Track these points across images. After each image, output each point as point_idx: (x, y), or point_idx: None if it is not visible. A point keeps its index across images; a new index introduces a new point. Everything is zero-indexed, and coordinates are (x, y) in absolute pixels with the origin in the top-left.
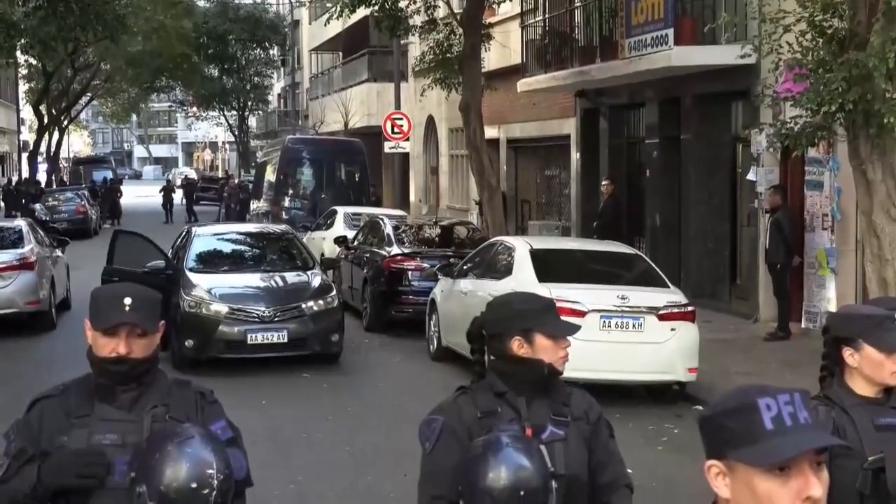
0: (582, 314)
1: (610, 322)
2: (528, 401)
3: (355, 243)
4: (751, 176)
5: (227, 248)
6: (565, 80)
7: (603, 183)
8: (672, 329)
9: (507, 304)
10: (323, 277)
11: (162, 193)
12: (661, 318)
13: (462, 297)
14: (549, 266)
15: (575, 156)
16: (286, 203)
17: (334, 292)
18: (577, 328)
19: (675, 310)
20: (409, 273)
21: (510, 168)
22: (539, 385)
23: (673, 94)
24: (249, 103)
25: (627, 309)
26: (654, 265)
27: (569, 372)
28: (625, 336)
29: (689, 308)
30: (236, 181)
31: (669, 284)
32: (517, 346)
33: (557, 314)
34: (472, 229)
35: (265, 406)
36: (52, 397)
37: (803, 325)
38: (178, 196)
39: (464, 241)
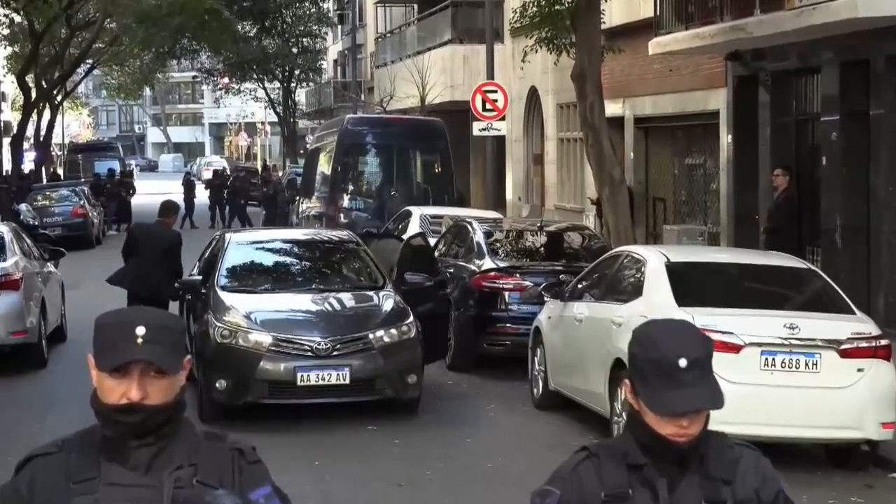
0: (736, 349)
1: (774, 360)
2: (671, 481)
3: (436, 254)
4: None
5: (271, 260)
6: (713, 38)
7: (775, 174)
8: (859, 370)
9: (631, 343)
10: (396, 299)
11: (183, 191)
12: (845, 354)
13: (576, 326)
14: (691, 285)
15: (726, 139)
16: (345, 202)
17: (411, 319)
18: (701, 409)
19: (864, 343)
20: (507, 294)
21: (639, 156)
22: (678, 460)
23: (859, 55)
24: (297, 72)
25: (798, 342)
26: (833, 284)
27: (719, 426)
28: (794, 378)
29: (884, 341)
30: (280, 174)
31: (856, 310)
32: (633, 400)
33: (681, 377)
34: (588, 237)
35: (319, 468)
36: (47, 455)
37: None
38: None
39: (577, 253)
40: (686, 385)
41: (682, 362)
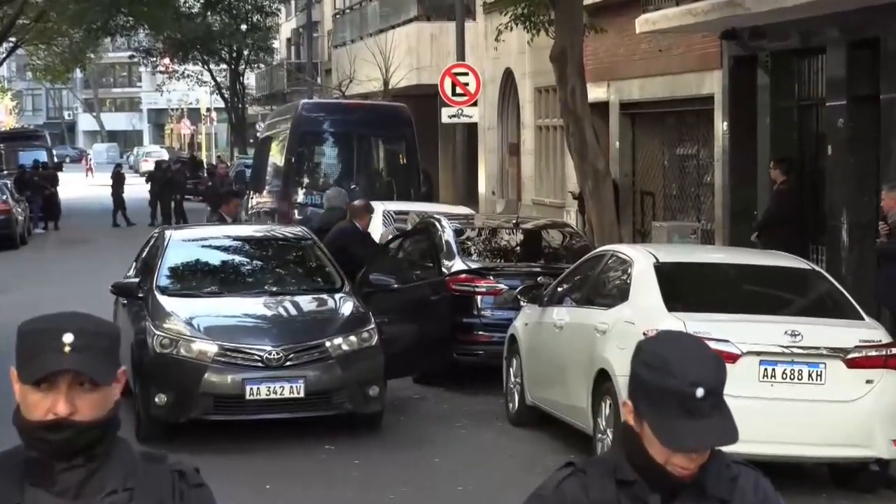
0: (733, 358)
1: (774, 370)
2: (664, 499)
3: (400, 255)
4: None
5: (217, 260)
6: (706, 14)
7: (771, 167)
8: (868, 381)
9: (635, 361)
10: (356, 303)
11: (111, 184)
12: (852, 364)
13: (556, 334)
14: (682, 288)
15: (721, 126)
16: (300, 197)
17: (372, 325)
18: (707, 443)
19: (873, 352)
20: (479, 298)
21: (625, 145)
22: (670, 484)
23: (868, 33)
24: (245, 53)
25: (801, 351)
26: (839, 286)
27: None
28: (797, 391)
29: (894, 349)
30: (226, 165)
31: (864, 315)
32: (627, 413)
33: (695, 408)
34: (569, 235)
35: (271, 493)
36: None
37: None
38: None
39: (557, 253)
40: (701, 416)
41: (699, 392)
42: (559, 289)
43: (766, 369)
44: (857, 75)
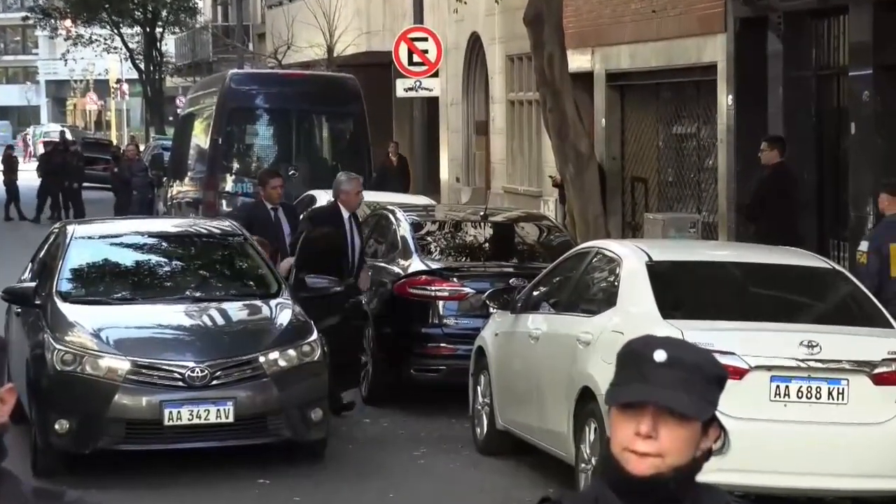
0: (739, 374)
1: (788, 388)
2: None
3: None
4: None
5: (129, 260)
6: None
7: (760, 148)
8: None
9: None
10: (296, 310)
11: (1, 171)
12: (880, 380)
13: (531, 346)
14: (680, 291)
15: (725, 101)
16: (228, 185)
17: (315, 336)
18: (660, 404)
19: None
20: (441, 304)
21: (613, 123)
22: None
23: None
24: (163, 14)
25: (819, 365)
26: (865, 289)
27: (717, 475)
28: (815, 412)
29: None
30: (135, 148)
31: (893, 322)
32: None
33: (644, 372)
34: (547, 229)
35: None
36: None
37: None
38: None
39: (533, 250)
40: (657, 382)
41: (659, 355)
42: (535, 293)
43: (778, 387)
44: (885, 40)
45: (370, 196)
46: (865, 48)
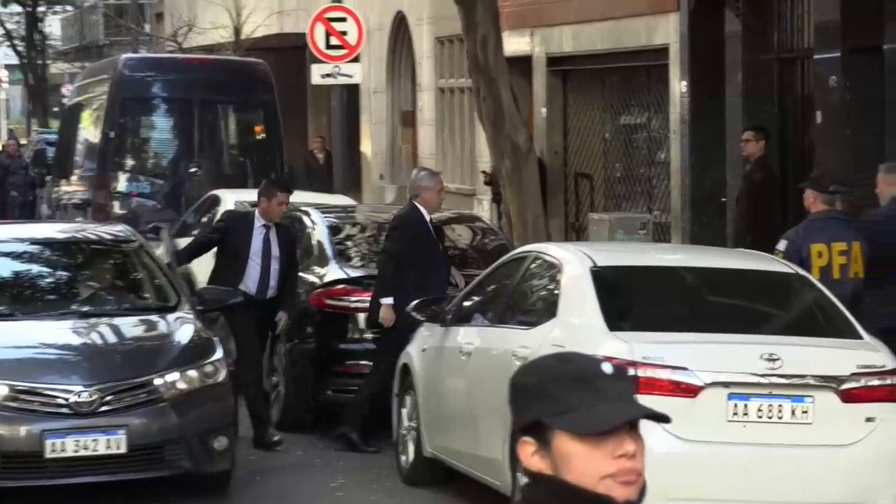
0: (693, 391)
1: (747, 406)
2: None
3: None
4: None
5: (6, 270)
6: None
7: (744, 138)
8: (869, 419)
9: (515, 377)
10: (197, 326)
11: None
12: (848, 397)
13: (462, 363)
14: (628, 299)
15: (678, 87)
16: (122, 185)
17: (219, 355)
18: (649, 414)
19: (875, 381)
20: (360, 316)
21: (555, 113)
22: None
23: None
24: None
25: (781, 380)
26: (831, 296)
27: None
28: (776, 433)
29: None
30: (15, 144)
31: (863, 333)
32: (528, 455)
33: (601, 390)
34: (480, 231)
35: None
36: None
37: None
38: None
39: (465, 255)
40: (619, 398)
41: (607, 367)
42: (467, 303)
43: (736, 405)
44: (854, 20)
45: None
46: (833, 29)
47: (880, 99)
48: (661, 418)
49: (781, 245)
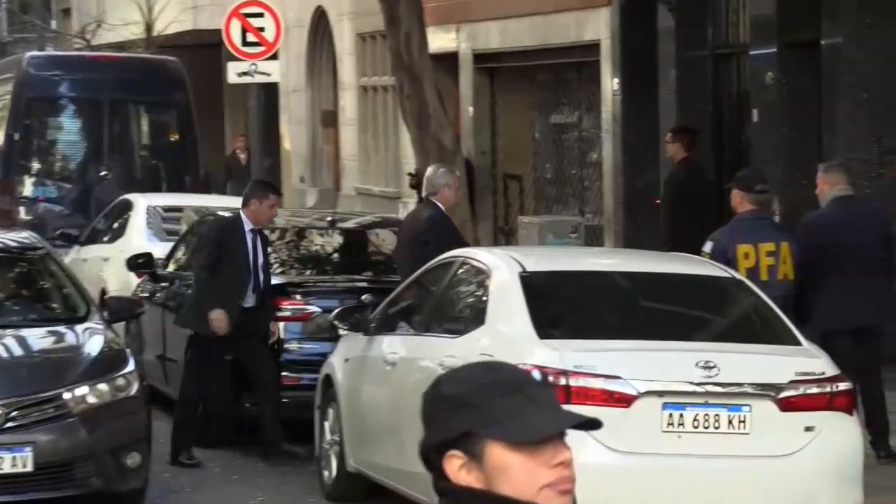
0: (626, 401)
1: (683, 416)
2: None
3: (172, 268)
4: None
5: None
6: None
7: (665, 140)
8: (808, 428)
9: (436, 388)
10: (108, 337)
11: None
12: (787, 405)
13: (387, 373)
14: (558, 306)
15: (610, 85)
16: (27, 189)
17: (131, 367)
18: (582, 421)
19: (814, 389)
20: (281, 326)
21: (482, 112)
22: None
23: None
24: None
25: (718, 389)
26: (769, 301)
27: None
28: (713, 444)
29: (843, 385)
30: None
31: (802, 339)
32: (455, 469)
33: (534, 397)
34: None
35: None
36: None
37: None
38: None
39: (390, 261)
40: (550, 406)
41: (537, 374)
42: (392, 311)
43: (671, 415)
44: (791, 14)
45: (198, 200)
46: (769, 23)
47: (818, 96)
48: (596, 424)
49: (707, 247)
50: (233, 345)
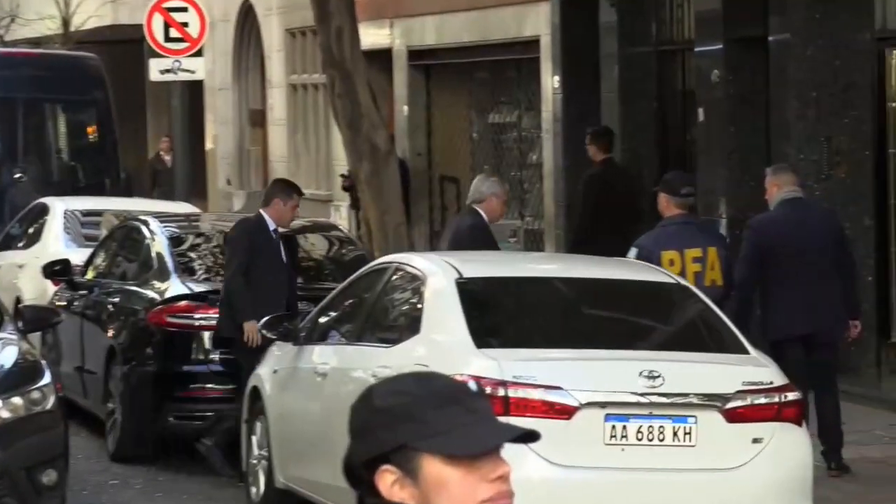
0: (567, 412)
1: (626, 428)
2: None
3: (91, 276)
4: None
5: None
6: None
7: (587, 141)
8: (756, 440)
9: (367, 400)
10: (22, 348)
11: None
12: (734, 416)
13: (318, 385)
14: (496, 314)
15: (551, 82)
16: None
17: (47, 379)
18: (522, 434)
19: (762, 399)
20: (206, 336)
21: (417, 111)
22: None
23: None
24: None
25: (662, 399)
26: (716, 308)
27: None
28: (657, 457)
29: (791, 395)
30: None
31: (750, 348)
32: (388, 485)
33: (472, 409)
34: (338, 241)
35: None
36: None
37: None
38: None
39: (321, 267)
40: (488, 418)
41: (473, 385)
42: (323, 319)
43: (614, 427)
44: (737, 9)
45: (119, 203)
46: (715, 19)
47: (766, 94)
48: (535, 437)
49: (631, 253)
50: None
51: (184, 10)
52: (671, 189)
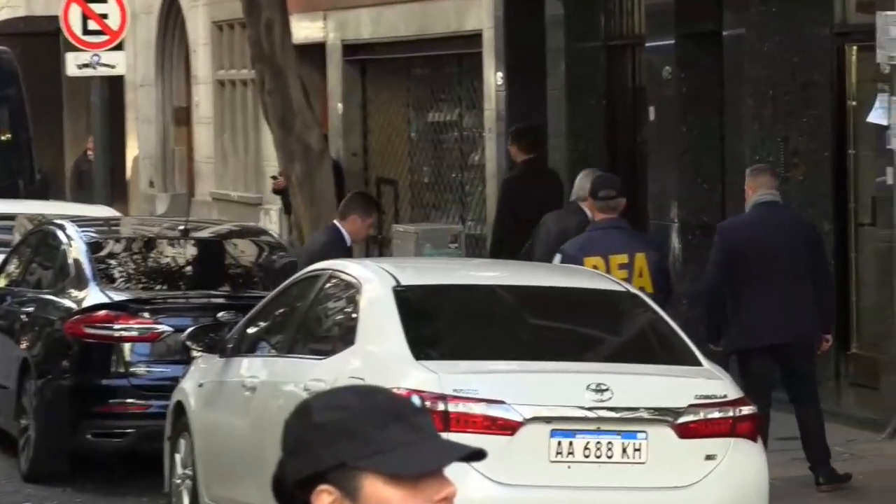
0: (511, 428)
1: (573, 444)
2: None
3: (2, 283)
4: (876, 117)
5: None
6: None
7: (508, 142)
8: (709, 457)
9: (304, 415)
10: None
11: None
12: (686, 432)
13: (246, 399)
14: (436, 324)
15: (494, 79)
16: None
17: None
18: (469, 452)
19: (716, 413)
20: (127, 347)
21: (352, 109)
22: None
23: None
24: None
25: (610, 414)
26: (666, 317)
27: None
28: (606, 475)
29: (746, 409)
30: None
31: (702, 359)
32: None
33: (417, 426)
34: (268, 247)
35: None
36: None
37: None
38: None
39: (250, 274)
40: (433, 435)
41: (417, 400)
42: (251, 330)
43: (560, 443)
44: (691, 3)
45: (34, 206)
46: (666, 12)
47: (720, 92)
48: (481, 455)
49: (556, 259)
50: None
51: (103, 0)
52: (592, 192)
